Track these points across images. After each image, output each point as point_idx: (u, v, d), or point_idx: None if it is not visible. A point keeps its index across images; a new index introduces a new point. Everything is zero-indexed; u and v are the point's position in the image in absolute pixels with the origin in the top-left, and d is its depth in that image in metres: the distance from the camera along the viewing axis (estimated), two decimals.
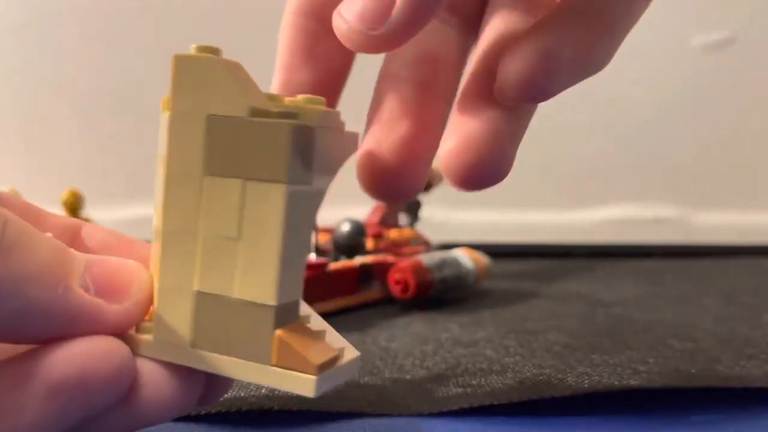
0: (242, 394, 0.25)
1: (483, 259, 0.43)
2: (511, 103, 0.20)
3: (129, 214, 0.69)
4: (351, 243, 0.42)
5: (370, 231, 0.44)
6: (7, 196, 0.19)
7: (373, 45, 0.18)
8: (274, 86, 0.25)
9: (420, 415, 0.23)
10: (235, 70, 0.17)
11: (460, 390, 0.25)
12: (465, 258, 0.42)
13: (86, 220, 0.49)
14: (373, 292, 0.41)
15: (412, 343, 0.32)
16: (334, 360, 0.17)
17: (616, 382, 0.25)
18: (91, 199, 0.51)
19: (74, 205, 0.49)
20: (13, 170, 0.67)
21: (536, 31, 0.19)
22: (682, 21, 0.69)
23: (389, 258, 0.42)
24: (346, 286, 0.39)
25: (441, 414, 0.23)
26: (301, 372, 0.16)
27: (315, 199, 0.18)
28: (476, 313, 0.38)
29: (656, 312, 0.38)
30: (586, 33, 0.20)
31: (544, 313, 0.38)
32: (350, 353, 0.18)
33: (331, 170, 0.18)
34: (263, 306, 0.16)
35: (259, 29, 0.69)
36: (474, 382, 0.26)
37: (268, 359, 0.17)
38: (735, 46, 0.69)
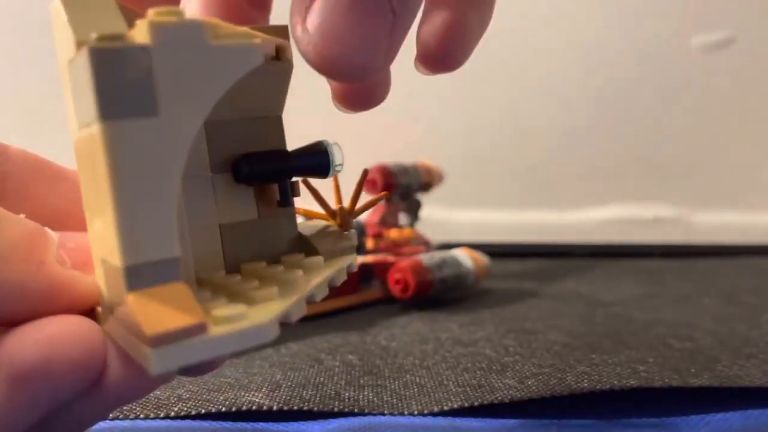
0: (242, 393, 0.25)
1: (483, 258, 0.43)
2: (430, 73, 0.20)
3: None
4: None
5: (370, 231, 0.44)
6: (10, 149, 0.19)
7: (372, 73, 0.18)
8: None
9: (420, 414, 0.23)
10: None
11: (459, 389, 0.25)
12: (465, 258, 0.42)
13: None
14: (373, 292, 0.41)
15: (412, 342, 0.32)
16: (193, 330, 0.14)
17: (616, 382, 0.25)
18: None
19: None
20: None
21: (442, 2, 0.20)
22: (682, 21, 0.69)
23: (389, 258, 0.42)
24: (347, 286, 0.39)
25: (441, 413, 0.23)
26: (141, 343, 0.14)
27: (174, 133, 0.15)
28: (476, 312, 0.38)
29: (656, 312, 0.38)
30: None
31: (543, 312, 0.38)
32: (251, 318, 0.15)
33: (203, 94, 0.15)
34: (116, 268, 0.14)
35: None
36: (474, 382, 0.26)
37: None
38: (735, 46, 0.69)
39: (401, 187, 0.47)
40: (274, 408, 0.23)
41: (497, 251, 0.54)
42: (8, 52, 0.70)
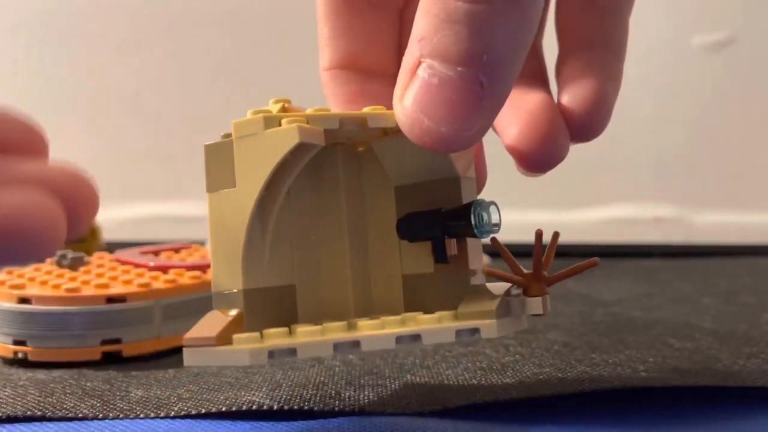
0: (243, 393, 0.25)
1: (483, 258, 0.43)
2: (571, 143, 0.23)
3: (131, 214, 0.69)
4: None
5: None
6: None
7: (463, 146, 0.19)
8: (321, 62, 0.26)
9: (420, 413, 0.23)
10: None
11: (460, 389, 0.25)
12: None
13: None
14: None
15: None
16: (203, 341, 0.20)
17: (616, 382, 0.25)
18: None
19: None
20: None
21: (583, 73, 0.23)
22: (682, 21, 0.69)
23: None
24: None
25: (441, 413, 0.23)
26: None
27: (245, 198, 0.20)
28: None
29: (655, 311, 0.38)
30: (615, 66, 0.24)
31: None
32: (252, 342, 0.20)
33: (261, 169, 0.20)
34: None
35: (262, 30, 0.69)
36: (474, 381, 0.26)
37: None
38: (735, 46, 0.69)
39: None
40: (275, 407, 0.23)
41: (497, 251, 0.54)
42: (8, 53, 0.70)
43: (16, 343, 0.29)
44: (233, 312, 0.20)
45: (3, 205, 0.14)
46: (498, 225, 0.22)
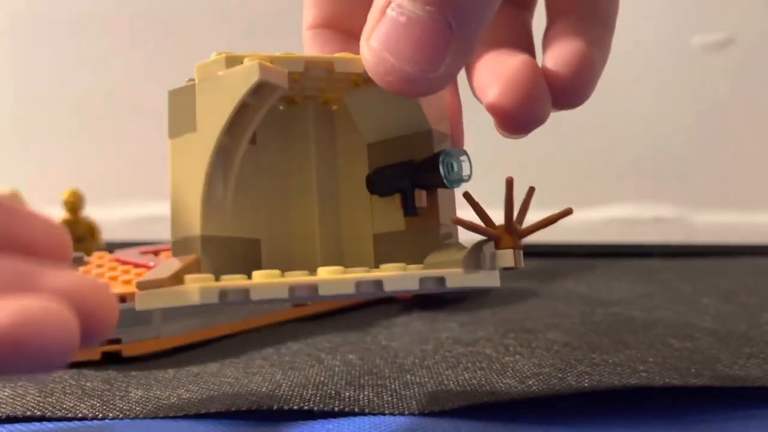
0: (242, 393, 0.25)
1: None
2: (555, 109, 0.22)
3: (129, 214, 0.69)
4: None
5: None
6: None
7: (429, 88, 0.19)
8: (305, 22, 0.26)
9: (420, 413, 0.23)
10: None
11: (460, 389, 0.25)
12: None
13: (86, 219, 0.50)
14: None
15: (413, 342, 0.32)
16: (154, 284, 0.19)
17: (616, 381, 0.25)
18: (91, 199, 0.51)
19: (75, 205, 0.49)
20: (14, 171, 0.67)
21: (568, 38, 0.22)
22: (682, 21, 0.69)
23: None
24: None
25: (441, 413, 0.23)
26: None
27: (205, 141, 0.20)
28: (476, 312, 0.38)
29: (655, 311, 0.38)
30: (603, 34, 0.23)
31: (543, 312, 0.38)
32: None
33: (220, 112, 0.20)
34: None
35: (262, 30, 0.69)
36: (474, 381, 0.26)
37: None
38: (735, 46, 0.69)
39: None
40: (275, 408, 0.23)
41: None
42: (7, 53, 0.70)
43: None
44: (191, 256, 0.20)
45: (17, 313, 0.14)
46: (469, 175, 0.21)
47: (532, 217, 0.22)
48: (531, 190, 0.21)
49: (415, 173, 0.21)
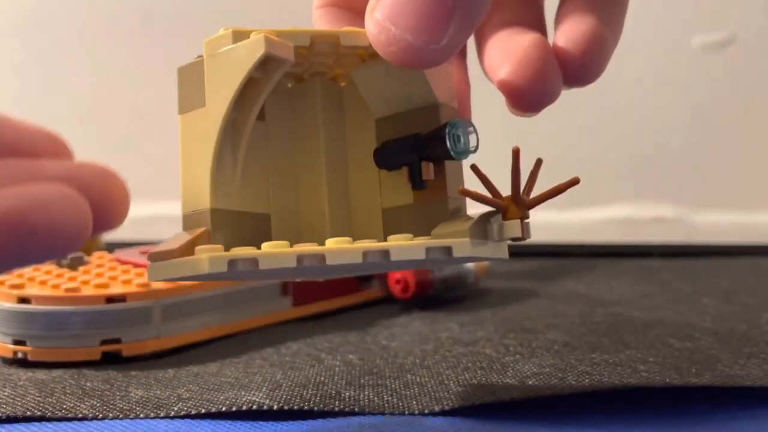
0: (243, 393, 0.25)
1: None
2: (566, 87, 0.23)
3: (131, 214, 0.69)
4: None
5: None
6: None
7: (432, 59, 0.19)
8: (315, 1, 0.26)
9: (421, 413, 0.23)
10: None
11: (460, 389, 0.25)
12: None
13: None
14: (373, 292, 0.41)
15: (413, 342, 0.32)
16: (166, 255, 0.19)
17: (617, 381, 0.25)
18: None
19: None
20: None
21: (580, 16, 0.22)
22: (682, 21, 0.69)
23: None
24: (347, 286, 0.39)
25: (441, 413, 0.23)
26: None
27: (214, 116, 0.20)
28: (476, 312, 0.38)
29: (655, 311, 0.38)
30: (615, 13, 0.23)
31: (543, 312, 0.38)
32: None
33: (227, 86, 0.20)
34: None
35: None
36: (474, 381, 0.26)
37: None
38: (735, 46, 0.69)
39: None
40: (275, 407, 0.23)
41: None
42: (7, 53, 0.70)
43: (16, 342, 0.29)
44: (200, 228, 0.20)
45: (26, 198, 0.14)
46: (476, 147, 0.21)
47: (537, 215, 0.22)
48: (539, 162, 0.21)
49: (422, 146, 0.21)
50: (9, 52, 0.70)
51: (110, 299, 0.29)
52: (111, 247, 0.41)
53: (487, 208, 0.21)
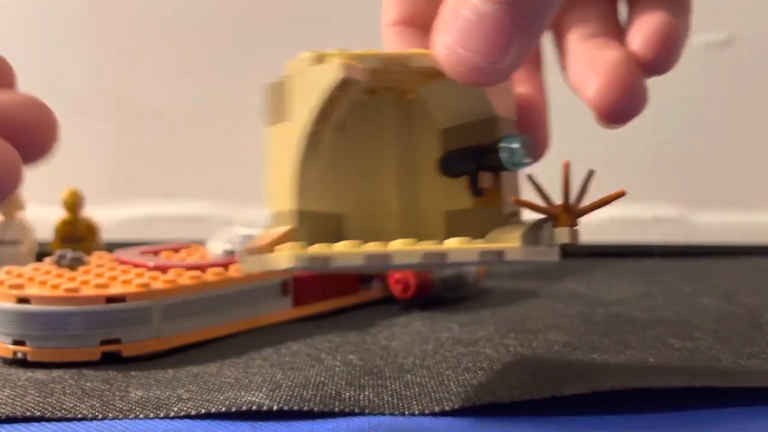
0: (243, 393, 0.25)
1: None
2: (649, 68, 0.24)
3: (130, 214, 0.69)
4: None
5: None
6: None
7: (496, 78, 0.21)
8: (385, 19, 0.28)
9: (421, 414, 0.23)
10: None
11: (460, 389, 0.25)
12: None
13: (86, 219, 0.50)
14: (373, 292, 0.41)
15: (413, 342, 0.32)
16: (256, 250, 0.22)
17: (617, 382, 0.25)
18: (91, 198, 0.51)
19: (74, 205, 0.49)
20: None
21: (652, 11, 0.24)
22: None
23: None
24: (348, 286, 0.39)
25: (442, 413, 0.23)
26: None
27: (297, 129, 0.22)
28: (476, 312, 0.38)
29: (656, 311, 0.38)
30: (685, 11, 0.25)
31: (544, 312, 0.38)
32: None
33: (309, 103, 0.22)
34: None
35: (263, 31, 0.69)
36: (474, 381, 0.26)
37: None
38: (735, 46, 0.69)
39: None
40: (275, 408, 0.23)
41: None
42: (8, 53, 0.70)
43: (16, 343, 0.29)
44: (285, 227, 0.23)
45: None
46: (528, 160, 0.23)
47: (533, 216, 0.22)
48: (590, 173, 0.23)
49: (479, 157, 0.23)
50: (10, 51, 0.70)
51: (110, 299, 0.29)
52: (110, 247, 0.41)
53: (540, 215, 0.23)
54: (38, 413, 0.23)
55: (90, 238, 0.49)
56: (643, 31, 0.24)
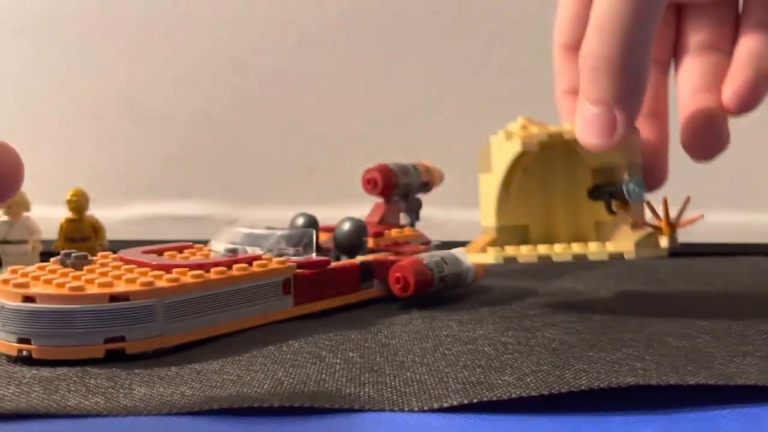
0: (245, 390, 0.25)
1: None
2: (734, 115, 0.35)
3: (133, 213, 0.69)
4: (352, 242, 0.42)
5: (370, 230, 0.44)
6: None
7: (610, 149, 0.33)
8: (559, 88, 0.40)
9: (420, 410, 0.24)
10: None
11: (459, 386, 0.26)
12: (464, 256, 0.42)
13: (91, 218, 0.50)
14: (373, 290, 0.41)
15: (412, 340, 0.33)
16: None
17: (614, 379, 0.25)
18: (95, 198, 0.51)
19: (79, 205, 0.49)
20: None
21: (746, 58, 0.35)
22: None
23: (390, 256, 0.42)
24: (348, 284, 0.39)
25: (441, 410, 0.24)
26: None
27: (496, 177, 0.38)
28: (475, 310, 0.39)
29: (652, 310, 0.38)
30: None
31: (542, 310, 0.39)
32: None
33: (506, 160, 0.37)
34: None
35: (263, 32, 0.69)
36: (473, 379, 0.26)
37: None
38: None
39: (401, 187, 0.48)
40: (276, 405, 0.23)
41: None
42: (11, 54, 0.70)
43: (21, 341, 0.29)
44: (490, 236, 0.38)
45: None
46: (639, 195, 0.35)
47: None
48: (687, 199, 0.35)
49: (612, 192, 0.36)
50: (15, 51, 0.70)
51: (114, 298, 0.30)
52: (115, 247, 0.41)
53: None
54: (43, 410, 0.24)
55: (95, 237, 0.50)
56: (733, 86, 0.34)
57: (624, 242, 0.34)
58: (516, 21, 0.68)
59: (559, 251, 0.35)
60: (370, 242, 0.44)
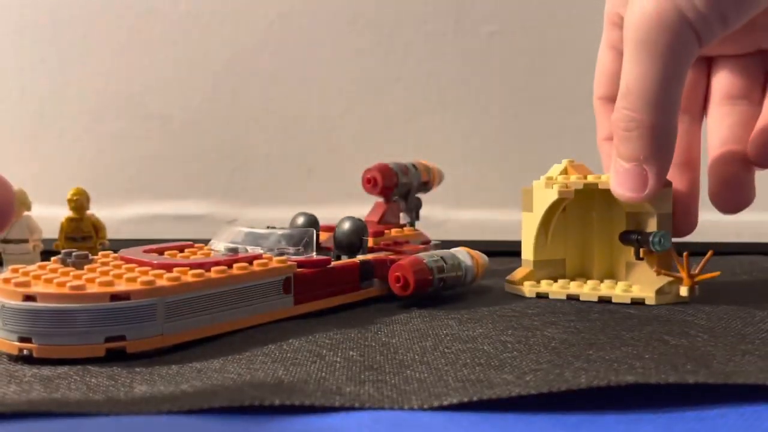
0: (245, 389, 0.25)
1: (482, 257, 0.43)
2: (761, 168, 0.39)
3: (134, 213, 0.69)
4: (352, 241, 0.42)
5: (369, 229, 0.44)
6: None
7: (642, 201, 0.37)
8: (599, 134, 0.45)
9: (420, 409, 0.24)
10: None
11: (458, 385, 0.26)
12: (464, 256, 0.42)
13: (91, 218, 0.50)
14: (373, 289, 0.41)
15: (412, 338, 0.33)
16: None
17: (613, 378, 0.25)
18: (96, 197, 0.51)
19: (80, 204, 0.49)
20: (20, 169, 0.67)
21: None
22: None
23: (390, 256, 0.42)
24: (348, 284, 0.40)
25: (440, 408, 0.24)
26: None
27: (536, 218, 0.43)
28: (475, 309, 0.39)
29: (651, 309, 0.39)
30: None
31: (541, 309, 0.39)
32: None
33: (541, 206, 0.43)
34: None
35: (263, 32, 0.69)
36: (473, 377, 0.26)
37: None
38: None
39: (401, 187, 0.48)
40: (276, 403, 0.23)
41: (496, 250, 0.55)
42: (13, 54, 0.70)
43: (22, 340, 0.29)
44: (528, 269, 0.43)
45: None
46: (661, 247, 0.39)
47: None
48: (710, 253, 0.40)
49: (640, 238, 0.40)
50: (15, 51, 0.70)
51: (115, 297, 0.30)
52: (115, 246, 0.41)
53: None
54: (43, 408, 0.24)
55: (95, 236, 0.50)
56: (761, 139, 0.37)
57: (646, 288, 0.39)
58: (516, 21, 0.68)
59: (586, 291, 0.40)
60: (370, 241, 0.44)
